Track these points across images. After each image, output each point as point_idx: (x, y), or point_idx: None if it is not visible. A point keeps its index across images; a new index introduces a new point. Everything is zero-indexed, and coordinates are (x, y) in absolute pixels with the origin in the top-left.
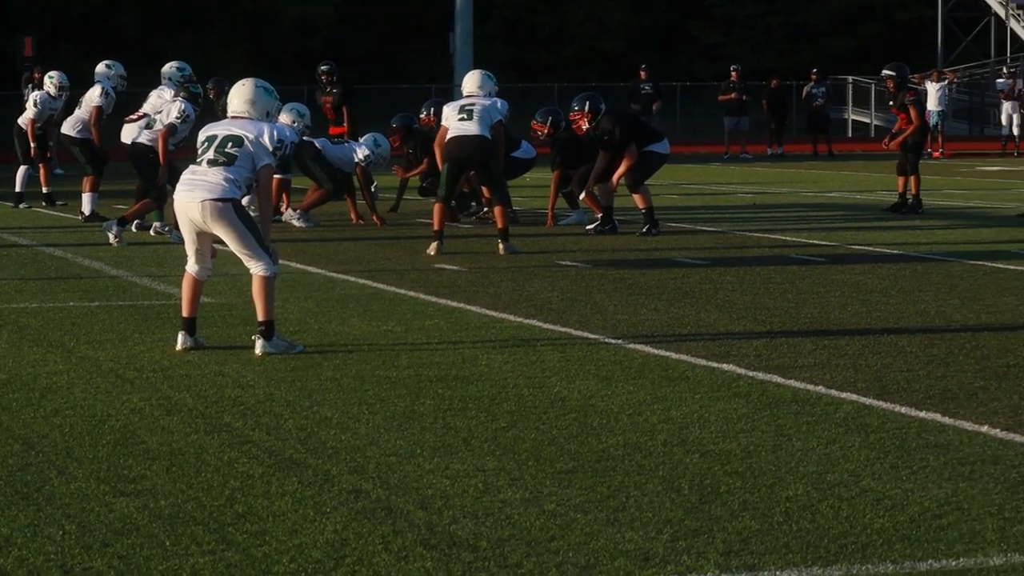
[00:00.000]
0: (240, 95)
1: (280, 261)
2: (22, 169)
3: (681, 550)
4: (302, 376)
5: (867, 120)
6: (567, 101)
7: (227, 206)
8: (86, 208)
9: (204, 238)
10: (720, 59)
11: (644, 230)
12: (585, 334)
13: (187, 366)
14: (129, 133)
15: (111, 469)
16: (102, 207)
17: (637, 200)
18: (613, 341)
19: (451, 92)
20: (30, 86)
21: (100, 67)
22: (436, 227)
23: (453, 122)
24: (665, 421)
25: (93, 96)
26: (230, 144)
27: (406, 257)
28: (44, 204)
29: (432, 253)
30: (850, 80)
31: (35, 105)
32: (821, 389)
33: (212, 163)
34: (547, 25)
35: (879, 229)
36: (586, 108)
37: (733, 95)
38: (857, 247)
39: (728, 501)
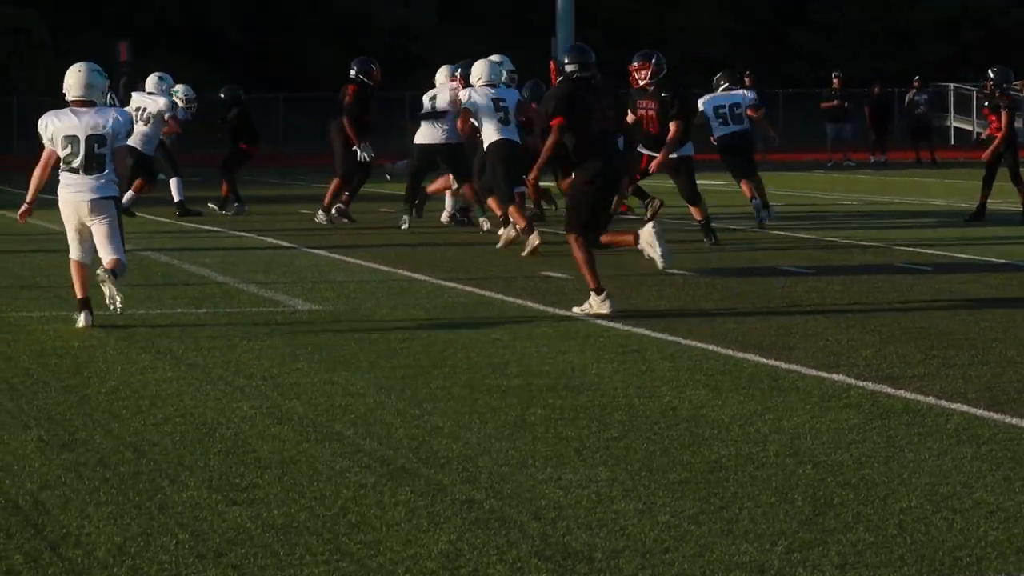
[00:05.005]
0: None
1: (388, 268)
2: (174, 180)
3: (796, 562)
4: (412, 385)
5: (969, 127)
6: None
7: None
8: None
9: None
10: (821, 66)
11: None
12: (694, 343)
13: (296, 374)
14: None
15: (223, 478)
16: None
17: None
18: (722, 350)
19: None
20: (116, 91)
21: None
22: (523, 224)
23: (494, 121)
24: (776, 432)
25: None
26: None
27: (513, 264)
28: (177, 213)
29: (533, 247)
30: (951, 87)
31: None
32: (931, 400)
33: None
34: (647, 30)
35: (984, 238)
36: (652, 61)
37: (835, 102)
38: (963, 256)
39: (841, 513)
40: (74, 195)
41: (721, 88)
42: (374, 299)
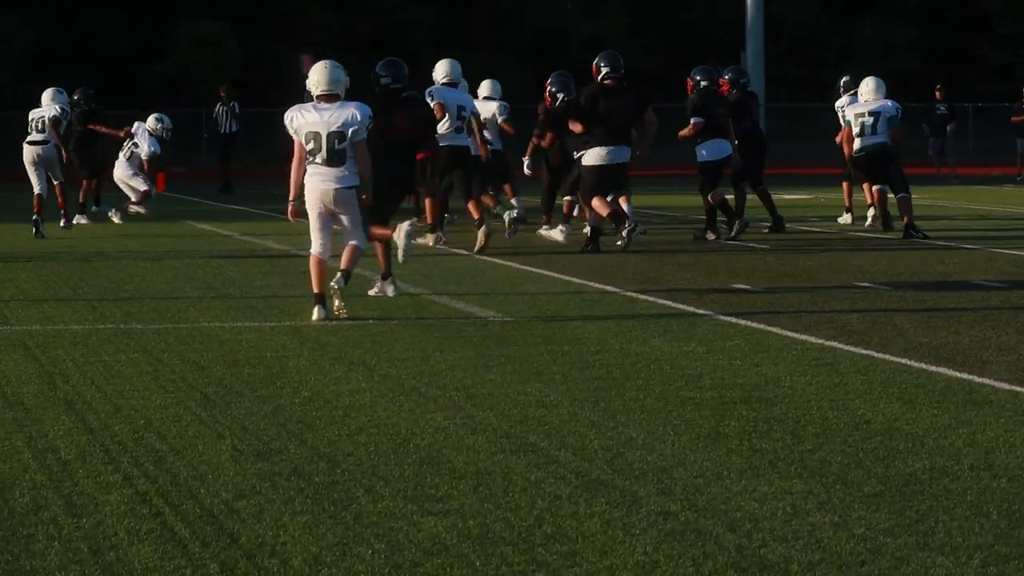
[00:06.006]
0: None
1: (580, 280)
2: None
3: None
4: (605, 396)
5: None
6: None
7: None
8: None
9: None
10: (1009, 79)
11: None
12: (887, 356)
13: (489, 385)
14: None
15: (418, 488)
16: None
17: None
18: (915, 364)
19: None
20: (219, 104)
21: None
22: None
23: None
24: (970, 445)
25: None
26: None
27: (703, 276)
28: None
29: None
30: None
31: None
32: None
33: None
34: (835, 44)
35: None
36: (727, 77)
37: None
38: None
39: None
40: (320, 184)
41: (849, 94)
42: (566, 311)
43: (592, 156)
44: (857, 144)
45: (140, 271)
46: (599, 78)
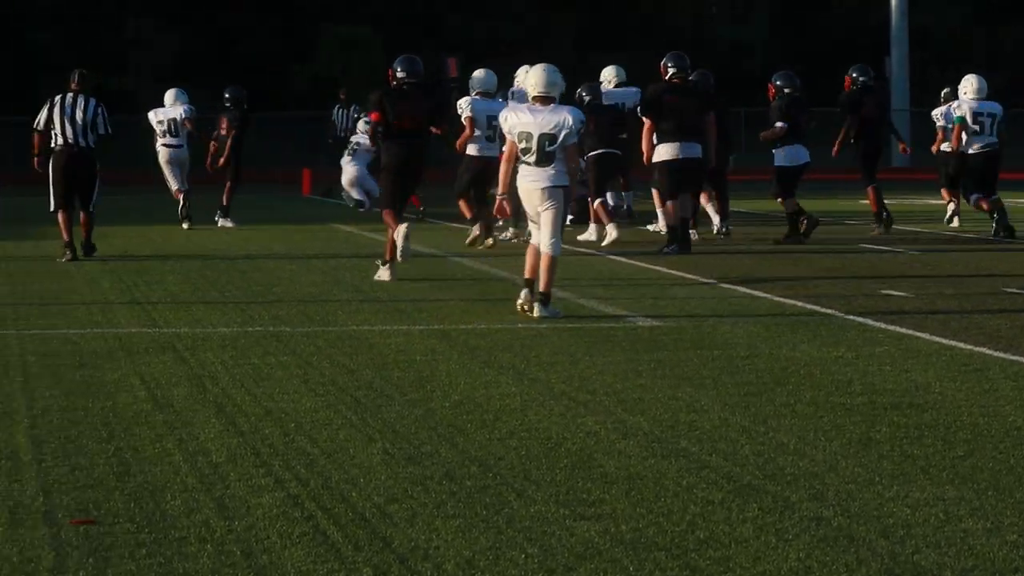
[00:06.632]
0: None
1: (727, 284)
2: None
3: None
4: (756, 401)
5: None
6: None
7: None
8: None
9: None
10: None
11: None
12: None
13: (639, 390)
14: None
15: (570, 492)
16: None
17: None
18: None
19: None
20: (337, 107)
21: None
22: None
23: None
24: None
25: None
26: None
27: (851, 282)
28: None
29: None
30: None
31: None
32: None
33: None
34: (980, 51)
35: None
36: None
37: None
38: None
39: None
40: (530, 183)
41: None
42: (715, 315)
43: (662, 152)
44: (974, 145)
45: (287, 273)
46: (667, 77)
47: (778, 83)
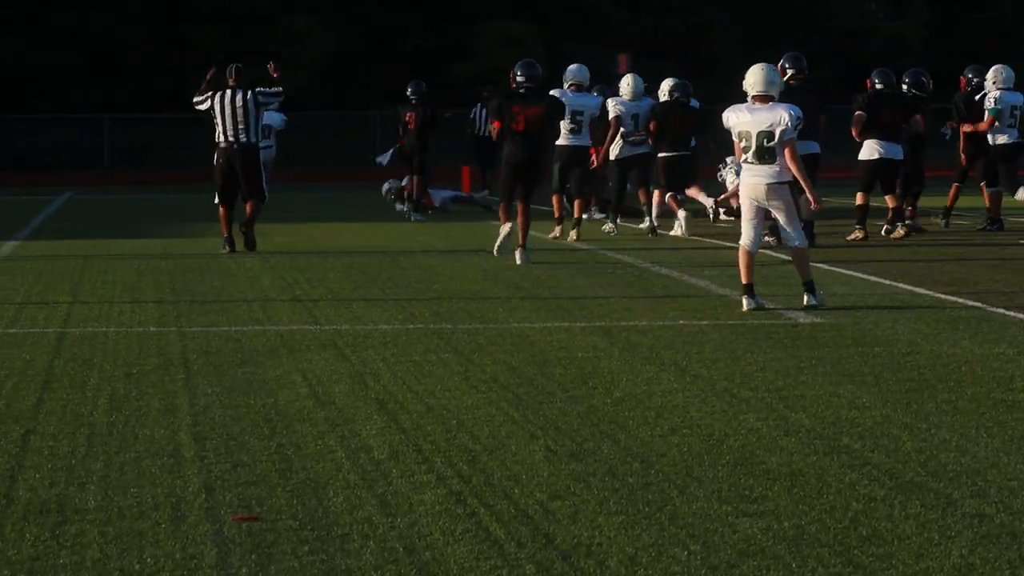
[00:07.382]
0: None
1: (889, 281)
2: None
3: None
4: (918, 398)
5: None
6: None
7: None
8: None
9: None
10: None
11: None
12: None
13: (801, 387)
14: None
15: (732, 489)
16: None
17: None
18: None
19: None
20: (479, 105)
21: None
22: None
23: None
24: None
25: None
26: None
27: (1014, 278)
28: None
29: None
30: None
31: None
32: None
33: None
34: None
35: None
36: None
37: None
38: None
39: None
40: (753, 180)
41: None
42: (876, 312)
43: None
44: (1003, 137)
45: (448, 271)
46: (784, 78)
47: (875, 80)
